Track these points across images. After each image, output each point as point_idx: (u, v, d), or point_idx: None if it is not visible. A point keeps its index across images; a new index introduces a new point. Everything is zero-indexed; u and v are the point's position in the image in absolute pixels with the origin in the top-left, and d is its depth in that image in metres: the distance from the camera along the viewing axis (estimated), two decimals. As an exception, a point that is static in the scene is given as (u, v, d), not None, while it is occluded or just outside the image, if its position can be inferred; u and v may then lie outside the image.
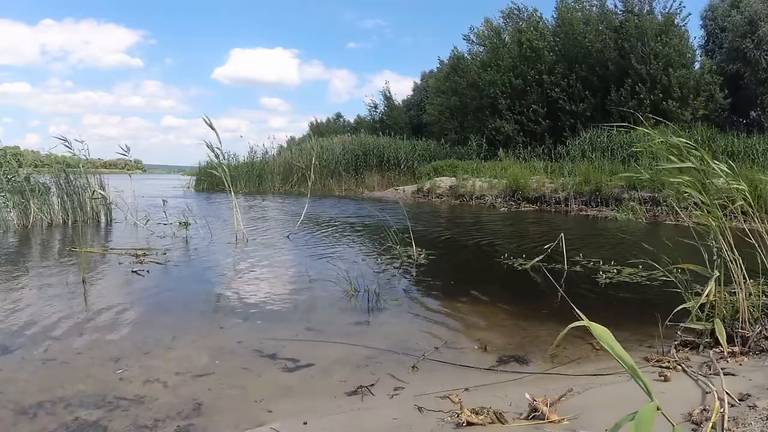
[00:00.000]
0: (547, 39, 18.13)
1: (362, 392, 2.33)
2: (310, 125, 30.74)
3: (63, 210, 8.78)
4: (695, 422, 1.77)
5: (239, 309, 3.75)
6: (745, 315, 2.70)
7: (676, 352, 2.65)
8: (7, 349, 2.82)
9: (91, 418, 2.08)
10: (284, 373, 2.59)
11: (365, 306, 3.81)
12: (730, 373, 2.27)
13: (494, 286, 4.85)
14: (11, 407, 2.16)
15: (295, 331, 3.21)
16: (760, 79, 15.13)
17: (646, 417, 1.00)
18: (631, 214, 10.39)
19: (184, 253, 6.04)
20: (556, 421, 1.87)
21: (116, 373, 2.52)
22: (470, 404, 2.00)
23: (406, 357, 2.78)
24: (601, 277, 4.73)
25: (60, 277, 4.65)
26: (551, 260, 5.25)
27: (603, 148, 14.23)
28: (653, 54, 15.38)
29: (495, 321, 3.54)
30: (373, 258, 5.80)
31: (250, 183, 19.76)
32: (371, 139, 21.12)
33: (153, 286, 4.46)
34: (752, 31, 15.10)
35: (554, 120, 17.31)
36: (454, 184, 15.29)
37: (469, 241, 7.42)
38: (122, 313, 3.58)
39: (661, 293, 4.18)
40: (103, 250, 6.09)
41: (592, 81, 16.77)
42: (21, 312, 3.52)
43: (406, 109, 26.26)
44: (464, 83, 19.58)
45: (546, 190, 13.15)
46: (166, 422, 2.05)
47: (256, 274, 5.03)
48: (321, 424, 2.00)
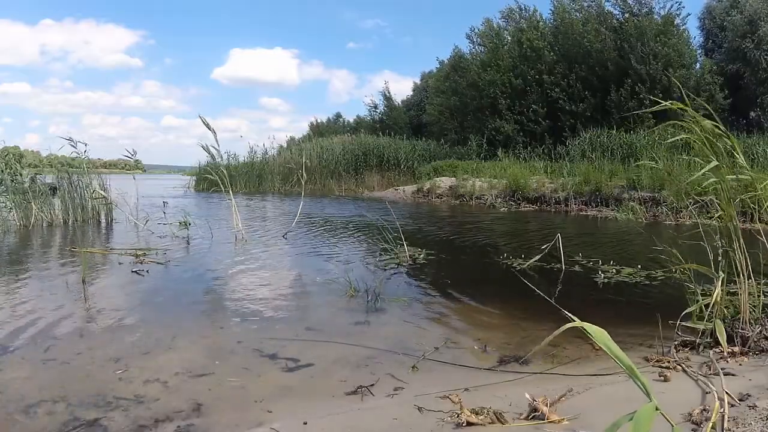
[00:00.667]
0: (547, 39, 18.12)
1: (362, 392, 2.33)
2: (311, 125, 30.75)
3: (64, 210, 8.80)
4: (695, 422, 1.78)
5: (239, 309, 3.74)
6: (745, 315, 2.70)
7: (676, 352, 2.65)
8: (7, 349, 2.82)
9: (91, 418, 2.08)
10: (284, 373, 2.59)
11: (365, 306, 3.81)
12: (730, 373, 2.27)
13: (494, 285, 4.85)
14: (11, 407, 2.16)
15: (295, 331, 3.22)
16: (760, 79, 15.13)
17: (645, 417, 1.00)
18: (631, 214, 10.39)
19: (184, 253, 6.04)
20: (556, 421, 1.87)
21: (116, 373, 2.52)
22: (470, 404, 2.00)
23: (406, 357, 2.78)
24: (599, 276, 4.73)
25: (60, 277, 4.65)
26: (551, 260, 5.25)
27: (603, 148, 14.23)
28: (653, 54, 15.39)
29: (495, 321, 3.53)
30: (373, 258, 5.80)
31: (250, 183, 19.77)
32: (371, 139, 21.11)
33: (153, 286, 4.46)
34: (752, 31, 15.10)
35: (554, 120, 17.30)
36: (454, 184, 15.28)
37: (468, 241, 7.42)
38: (122, 313, 3.58)
39: (661, 293, 4.19)
40: (104, 250, 6.09)
41: (591, 81, 16.76)
42: (21, 312, 3.52)
43: (405, 109, 26.25)
44: (464, 83, 19.56)
45: (546, 190, 13.15)
46: (166, 422, 2.05)
47: (255, 274, 5.03)
48: (321, 424, 2.00)
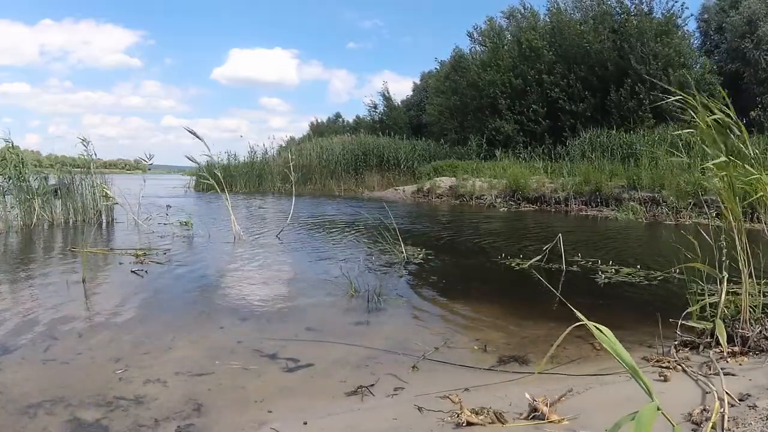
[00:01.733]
0: (546, 39, 18.13)
1: (362, 392, 2.33)
2: (311, 125, 30.79)
3: (65, 210, 8.81)
4: (695, 422, 1.77)
5: (239, 309, 3.74)
6: (746, 315, 2.70)
7: (676, 352, 2.65)
8: (7, 349, 2.82)
9: (91, 418, 2.07)
10: (284, 374, 2.59)
11: (365, 306, 3.81)
12: (730, 373, 2.26)
13: (494, 286, 4.85)
14: (11, 407, 2.16)
15: (295, 331, 3.22)
16: (759, 79, 15.13)
17: (647, 417, 1.00)
18: (631, 214, 10.39)
19: (185, 253, 6.03)
20: (556, 421, 1.87)
21: (116, 373, 2.52)
22: (470, 404, 2.00)
23: (406, 357, 2.78)
24: (599, 276, 4.73)
25: (60, 277, 4.65)
26: (551, 260, 5.25)
27: (603, 148, 14.23)
28: (653, 54, 15.38)
29: (495, 321, 3.53)
30: (372, 257, 5.79)
31: (250, 183, 19.78)
32: (371, 139, 21.12)
33: (153, 286, 4.46)
34: (751, 31, 15.10)
35: (554, 120, 17.31)
36: (454, 184, 15.28)
37: (468, 240, 7.42)
38: (122, 313, 3.58)
39: (660, 293, 4.19)
40: (104, 250, 6.09)
41: (591, 81, 16.77)
42: (21, 312, 3.52)
43: (405, 109, 26.26)
44: (464, 83, 19.58)
45: (546, 190, 13.15)
46: (166, 422, 2.05)
47: (255, 274, 5.03)
48: (321, 424, 2.00)
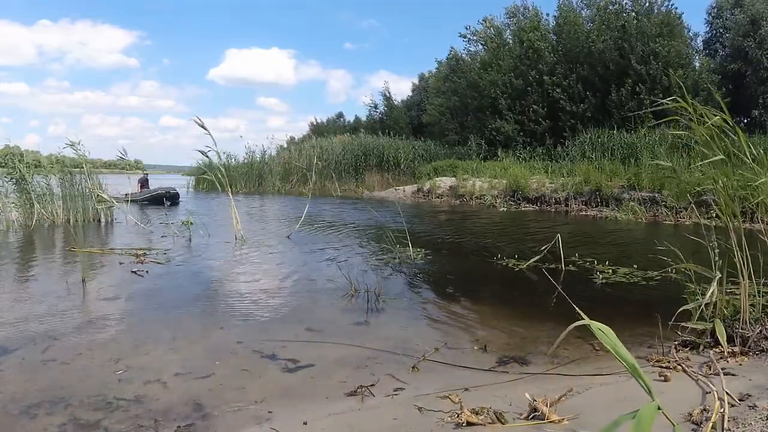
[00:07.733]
0: (549, 39, 18.11)
1: (362, 392, 2.33)
2: (310, 125, 30.78)
3: (65, 210, 8.83)
4: (695, 422, 1.77)
5: (239, 309, 3.75)
6: (745, 315, 2.70)
7: (676, 352, 2.64)
8: (7, 349, 2.82)
9: (92, 418, 2.08)
10: (284, 374, 2.59)
11: (365, 306, 3.81)
12: (730, 373, 2.26)
13: (494, 286, 4.85)
14: (11, 407, 2.16)
15: (295, 332, 3.21)
16: (761, 79, 15.11)
17: (647, 416, 1.00)
18: (631, 214, 10.39)
19: (184, 253, 6.03)
20: (556, 421, 1.87)
21: (116, 373, 2.52)
22: (470, 404, 2.00)
23: (406, 357, 2.78)
24: (598, 277, 4.73)
25: (60, 277, 4.65)
26: (550, 260, 5.25)
27: (603, 148, 14.22)
28: (653, 54, 15.37)
29: (494, 321, 3.53)
30: (372, 258, 5.79)
31: (250, 183, 19.78)
32: (371, 139, 21.11)
33: (153, 286, 4.46)
34: (754, 30, 15.08)
35: (554, 120, 17.29)
36: (454, 184, 15.28)
37: (468, 241, 7.42)
38: (122, 313, 3.58)
39: (659, 293, 4.18)
40: (104, 250, 6.09)
41: (592, 81, 16.75)
42: (21, 312, 3.53)
43: (405, 110, 26.23)
44: (464, 83, 19.56)
45: (546, 190, 13.15)
46: (166, 422, 2.05)
47: (255, 275, 5.03)
48: (321, 425, 2.00)
